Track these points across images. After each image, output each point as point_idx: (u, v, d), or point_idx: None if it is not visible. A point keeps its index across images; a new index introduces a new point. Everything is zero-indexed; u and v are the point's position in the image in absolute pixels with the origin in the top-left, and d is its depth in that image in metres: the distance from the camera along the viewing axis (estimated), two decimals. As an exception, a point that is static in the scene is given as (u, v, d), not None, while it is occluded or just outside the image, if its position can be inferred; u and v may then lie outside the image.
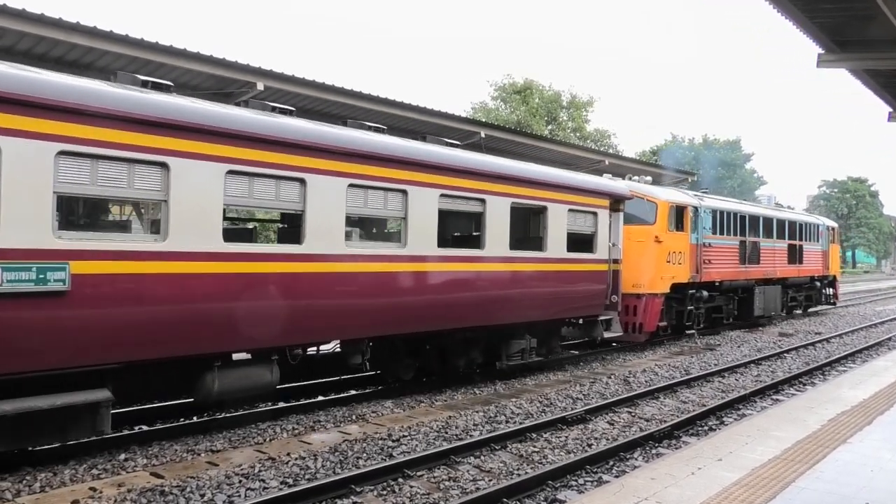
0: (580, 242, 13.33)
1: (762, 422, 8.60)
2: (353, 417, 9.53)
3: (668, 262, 16.36)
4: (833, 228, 28.67)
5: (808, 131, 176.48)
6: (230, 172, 7.82)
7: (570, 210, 12.93)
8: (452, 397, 11.07)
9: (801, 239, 24.62)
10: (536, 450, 8.29)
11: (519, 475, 7.30)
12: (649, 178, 18.25)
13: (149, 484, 6.70)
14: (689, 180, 31.37)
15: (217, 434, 8.58)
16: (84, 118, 6.70)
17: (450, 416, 9.59)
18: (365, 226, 11.14)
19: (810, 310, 27.25)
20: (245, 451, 7.94)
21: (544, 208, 12.39)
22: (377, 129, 10.26)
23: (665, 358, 15.51)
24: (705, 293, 18.24)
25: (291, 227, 9.72)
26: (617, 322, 14.42)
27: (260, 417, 9.35)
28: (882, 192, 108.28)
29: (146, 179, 7.22)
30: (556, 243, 12.58)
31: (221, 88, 13.89)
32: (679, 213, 17.10)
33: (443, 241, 10.67)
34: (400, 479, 7.12)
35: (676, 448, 8.57)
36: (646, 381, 12.63)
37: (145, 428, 8.87)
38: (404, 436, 8.55)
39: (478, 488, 6.93)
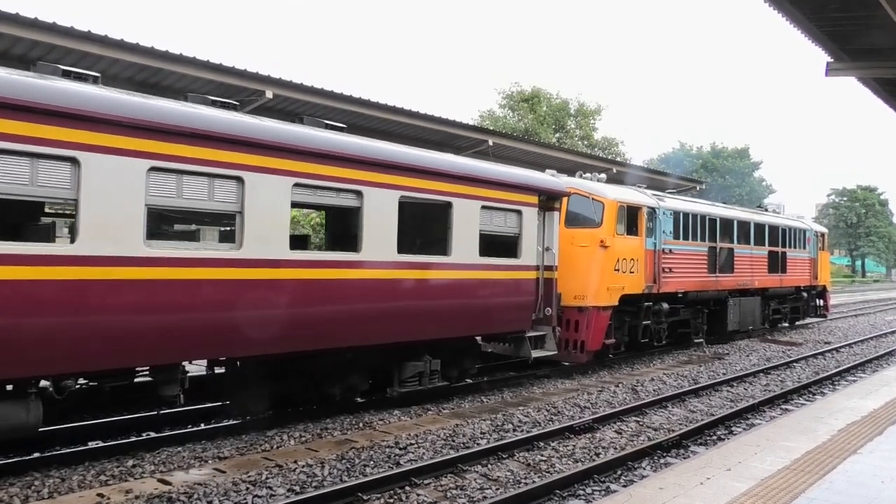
0: (499, 246, 11.61)
1: (771, 432, 8.54)
2: (361, 425, 9.52)
3: (617, 270, 14.22)
4: (822, 234, 26.16)
5: (817, 140, 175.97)
6: None
7: (485, 207, 11.02)
8: (460, 405, 11.05)
9: (784, 245, 22.36)
10: (544, 458, 8.26)
11: (526, 484, 7.27)
12: (603, 176, 15.85)
13: (156, 490, 6.71)
14: (698, 188, 31.31)
15: (224, 441, 8.59)
16: None
17: (457, 424, 9.58)
18: (204, 222, 9.44)
19: (798, 323, 25.06)
20: (252, 457, 7.94)
21: (448, 204, 10.48)
22: (226, 105, 8.48)
23: (673, 367, 15.44)
24: (665, 306, 15.86)
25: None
26: (551, 339, 12.47)
27: (267, 425, 9.36)
28: (892, 200, 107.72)
29: None
30: (464, 246, 10.65)
31: (230, 97, 13.98)
32: (631, 214, 14.87)
33: (302, 243, 9.13)
34: (407, 487, 7.11)
35: (685, 458, 8.52)
36: (654, 390, 12.57)
37: (153, 434, 8.88)
38: (411, 444, 8.54)
39: (485, 497, 6.91)
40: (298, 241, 10.12)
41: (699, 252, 17.40)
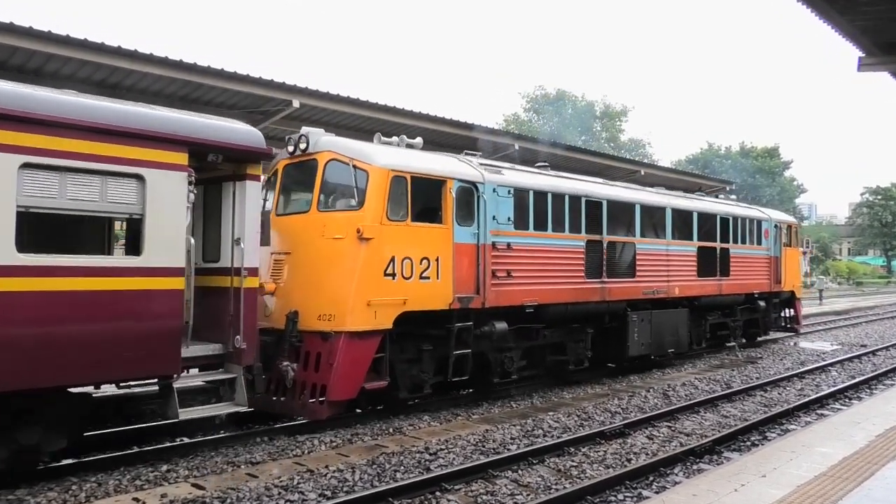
0: (94, 235, 8.30)
1: (807, 437, 8.40)
2: (391, 430, 9.56)
3: (390, 275, 9.45)
4: (787, 226, 20.45)
5: (850, 137, 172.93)
6: None
7: (35, 166, 6.60)
8: (489, 410, 11.04)
9: (725, 239, 17.15)
10: (575, 464, 8.22)
11: (557, 490, 7.24)
12: (418, 140, 11.24)
13: (190, 495, 6.81)
14: (727, 189, 30.96)
15: (257, 446, 8.69)
16: None
17: (487, 430, 9.57)
18: None
19: (760, 339, 20.07)
20: (284, 462, 8.02)
21: None
22: None
23: (705, 371, 15.25)
24: (500, 326, 10.88)
25: None
26: (241, 386, 8.25)
27: (299, 430, 9.44)
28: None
29: None
30: None
31: (258, 107, 14.20)
32: (423, 189, 10.06)
33: None
34: (437, 493, 7.12)
35: (718, 464, 8.41)
36: (685, 395, 12.43)
37: (186, 440, 9.01)
38: (441, 449, 8.55)
39: (516, 503, 6.90)
40: None
41: (566, 248, 12.25)
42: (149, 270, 7.38)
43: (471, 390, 12.05)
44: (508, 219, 11.12)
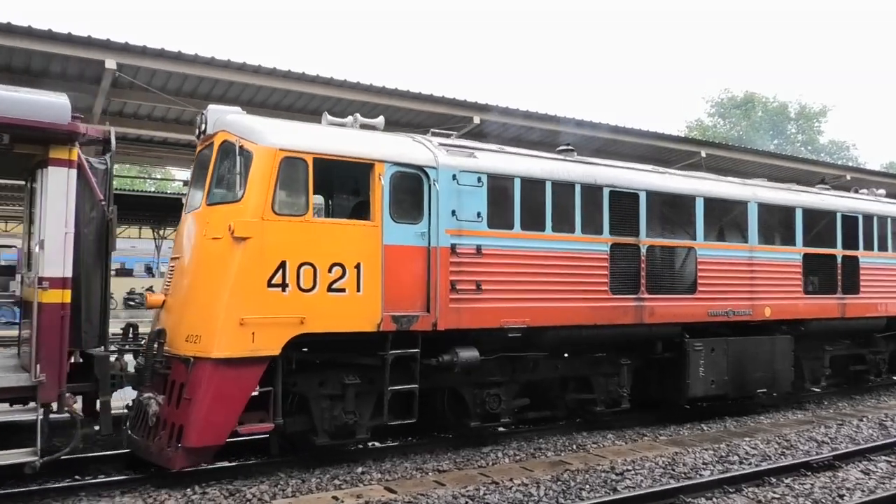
0: None
1: None
2: (574, 447, 9.44)
3: (279, 286, 7.44)
4: None
5: None
6: None
7: None
8: (678, 432, 10.53)
9: (852, 245, 13.06)
10: (777, 496, 7.57)
11: (758, 523, 6.72)
12: (380, 121, 9.27)
13: (383, 497, 7.14)
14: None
15: (443, 455, 8.95)
16: None
17: (676, 453, 9.12)
18: None
19: None
20: (469, 472, 8.17)
21: None
22: None
23: (930, 400, 13.46)
24: (467, 354, 8.53)
25: None
26: (39, 431, 6.45)
27: (483, 442, 9.59)
28: None
29: None
30: None
31: (440, 124, 14.75)
32: (335, 175, 8.63)
33: None
34: (625, 515, 6.90)
35: (955, 508, 7.36)
36: (908, 426, 11.05)
37: (378, 444, 9.48)
38: (627, 469, 8.27)
39: (712, 533, 6.49)
40: None
41: (576, 254, 9.50)
42: None
43: (450, 435, 9.71)
44: (478, 214, 8.69)
